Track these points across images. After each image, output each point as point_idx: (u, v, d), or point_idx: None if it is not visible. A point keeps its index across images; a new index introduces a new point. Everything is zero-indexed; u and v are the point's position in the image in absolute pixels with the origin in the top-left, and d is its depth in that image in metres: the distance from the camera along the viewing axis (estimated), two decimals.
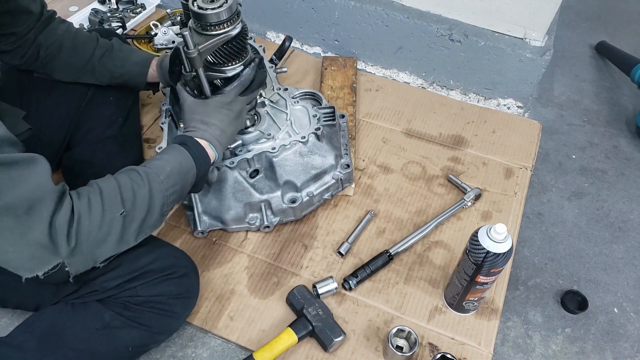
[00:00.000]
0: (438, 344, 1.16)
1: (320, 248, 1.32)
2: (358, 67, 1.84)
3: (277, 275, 1.26)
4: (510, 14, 1.57)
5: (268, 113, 1.31)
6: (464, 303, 1.15)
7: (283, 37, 1.63)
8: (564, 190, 1.57)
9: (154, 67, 1.29)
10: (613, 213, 1.52)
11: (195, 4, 1.00)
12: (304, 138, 1.25)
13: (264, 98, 1.33)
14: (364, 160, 1.52)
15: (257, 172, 1.25)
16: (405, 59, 1.77)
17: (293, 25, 1.86)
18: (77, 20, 1.82)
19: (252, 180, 1.24)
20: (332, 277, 1.21)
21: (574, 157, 1.68)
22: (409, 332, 1.10)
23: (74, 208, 0.81)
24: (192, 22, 1.03)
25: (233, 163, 1.20)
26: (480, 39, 1.61)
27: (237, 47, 1.05)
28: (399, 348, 1.11)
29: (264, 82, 1.16)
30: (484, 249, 0.99)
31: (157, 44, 1.76)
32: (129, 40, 1.70)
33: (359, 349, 1.14)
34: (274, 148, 1.22)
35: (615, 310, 1.31)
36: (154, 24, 1.79)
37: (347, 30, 1.78)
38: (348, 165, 1.34)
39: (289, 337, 1.10)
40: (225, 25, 1.01)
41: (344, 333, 1.12)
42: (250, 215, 1.30)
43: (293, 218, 1.33)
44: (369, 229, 1.36)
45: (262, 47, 1.46)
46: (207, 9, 0.98)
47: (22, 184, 0.75)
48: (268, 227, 1.30)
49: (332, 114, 1.35)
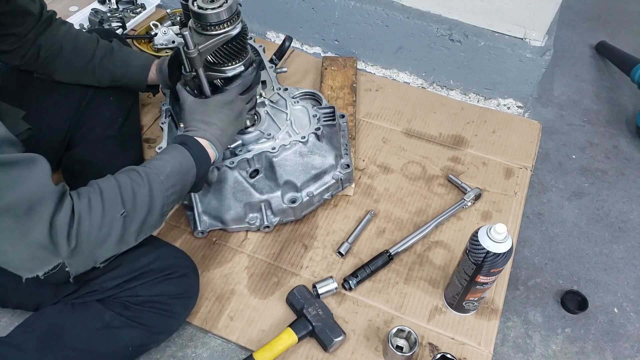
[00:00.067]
0: (438, 344, 1.16)
1: (320, 248, 1.32)
2: (358, 67, 1.84)
3: (277, 275, 1.26)
4: (510, 14, 1.57)
5: (268, 113, 1.31)
6: (464, 303, 1.15)
7: (283, 37, 1.63)
8: (564, 190, 1.57)
9: (154, 70, 1.30)
10: (613, 213, 1.52)
11: (195, 4, 1.00)
12: (304, 138, 1.25)
13: (264, 98, 1.33)
14: (364, 160, 1.52)
15: (257, 172, 1.25)
16: (405, 59, 1.77)
17: (293, 25, 1.86)
18: (77, 20, 1.82)
19: (252, 180, 1.24)
20: (332, 277, 1.21)
21: (574, 157, 1.68)
22: (409, 332, 1.10)
23: (74, 208, 0.81)
24: (192, 22, 1.03)
25: (233, 163, 1.20)
26: (480, 39, 1.61)
27: (237, 47, 1.05)
28: (399, 348, 1.11)
29: (260, 81, 1.17)
30: (484, 249, 0.99)
31: (157, 44, 1.76)
32: (129, 41, 1.70)
33: (359, 349, 1.14)
34: (274, 148, 1.22)
35: (615, 310, 1.31)
36: (154, 24, 1.79)
37: (347, 30, 1.78)
38: (348, 165, 1.34)
39: (289, 337, 1.10)
40: (225, 25, 1.01)
41: (344, 333, 1.12)
42: (250, 215, 1.30)
43: (293, 218, 1.33)
44: (369, 229, 1.36)
45: (262, 47, 1.46)
46: (207, 9, 0.98)
47: (22, 185, 0.75)
48: (268, 227, 1.30)
49: (332, 114, 1.35)
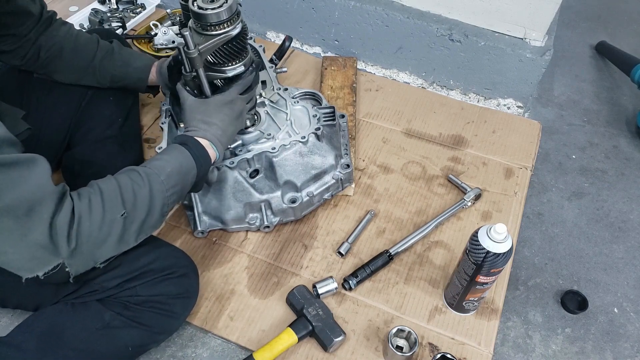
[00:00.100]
0: (438, 344, 1.16)
1: (320, 248, 1.32)
2: (358, 67, 1.84)
3: (277, 275, 1.26)
4: (510, 14, 1.57)
5: (268, 113, 1.31)
6: (464, 303, 1.15)
7: (283, 37, 1.63)
8: (564, 190, 1.57)
9: (154, 72, 1.30)
10: (613, 213, 1.52)
11: (196, 4, 1.00)
12: (304, 138, 1.25)
13: (264, 98, 1.33)
14: (364, 160, 1.52)
15: (257, 172, 1.25)
16: (405, 59, 1.77)
17: (293, 25, 1.86)
18: (77, 20, 1.82)
19: (252, 180, 1.24)
20: (332, 277, 1.21)
21: (574, 157, 1.68)
22: (409, 332, 1.10)
23: (75, 209, 0.80)
24: (192, 22, 1.03)
25: (233, 163, 1.20)
26: (480, 39, 1.61)
27: (237, 47, 1.05)
28: (399, 348, 1.11)
29: (259, 81, 1.17)
30: (484, 249, 0.99)
31: (157, 44, 1.76)
32: (129, 41, 1.70)
33: (359, 349, 1.14)
34: (274, 148, 1.22)
35: (615, 310, 1.31)
36: (154, 24, 1.79)
37: (347, 30, 1.78)
38: (348, 165, 1.34)
39: (289, 337, 1.10)
40: (226, 25, 1.01)
41: (344, 333, 1.12)
42: (250, 215, 1.30)
43: (293, 218, 1.33)
44: (369, 229, 1.36)
45: (262, 47, 1.46)
46: (207, 9, 0.98)
47: (22, 185, 0.75)
48: (268, 227, 1.30)
49: (332, 114, 1.35)
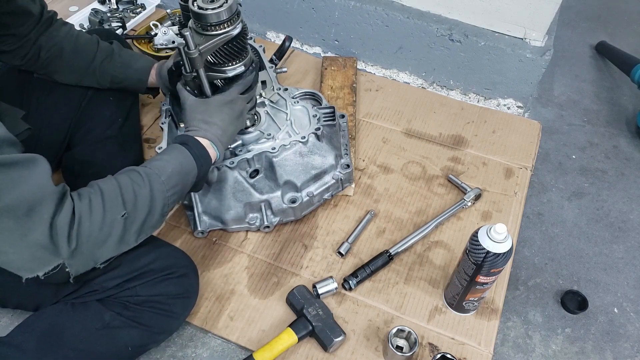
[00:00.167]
0: (438, 344, 1.16)
1: (320, 248, 1.32)
2: (358, 67, 1.84)
3: (277, 275, 1.26)
4: (510, 14, 1.57)
5: (268, 113, 1.31)
6: (464, 303, 1.15)
7: (283, 37, 1.63)
8: (564, 190, 1.57)
9: (154, 74, 1.30)
10: (613, 213, 1.52)
11: (196, 4, 1.00)
12: (304, 138, 1.25)
13: (264, 98, 1.33)
14: (364, 160, 1.52)
15: (257, 172, 1.25)
16: (405, 59, 1.77)
17: (293, 25, 1.86)
18: (77, 20, 1.82)
19: (252, 180, 1.24)
20: (332, 277, 1.21)
21: (574, 157, 1.68)
22: (409, 332, 1.10)
23: (75, 209, 0.80)
24: (192, 22, 1.03)
25: (233, 163, 1.20)
26: (480, 39, 1.61)
27: (237, 47, 1.05)
28: (399, 348, 1.11)
29: (258, 80, 1.17)
30: (484, 249, 0.99)
31: (157, 44, 1.76)
32: (129, 41, 1.70)
33: (359, 349, 1.14)
34: (274, 148, 1.22)
35: (615, 310, 1.31)
36: (154, 24, 1.79)
37: (347, 30, 1.78)
38: (348, 165, 1.34)
39: (289, 337, 1.10)
40: (226, 25, 1.01)
41: (344, 333, 1.12)
42: (250, 215, 1.30)
43: (293, 218, 1.33)
44: (369, 229, 1.36)
45: (262, 47, 1.46)
46: (207, 9, 0.98)
47: (22, 185, 0.75)
48: (268, 227, 1.30)
49: (332, 114, 1.35)
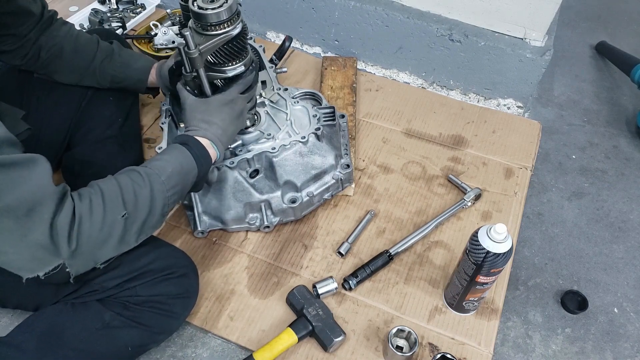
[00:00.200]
0: (438, 344, 1.16)
1: (320, 248, 1.32)
2: (358, 67, 1.84)
3: (277, 275, 1.26)
4: (510, 14, 1.57)
5: (268, 113, 1.31)
6: (464, 303, 1.15)
7: (283, 37, 1.63)
8: (564, 190, 1.57)
9: (154, 74, 1.30)
10: (613, 213, 1.52)
11: (196, 4, 1.00)
12: (304, 138, 1.25)
13: (264, 98, 1.33)
14: (364, 160, 1.52)
15: (257, 172, 1.25)
16: (405, 59, 1.77)
17: (293, 25, 1.86)
18: (77, 20, 1.82)
19: (252, 180, 1.24)
20: (332, 277, 1.21)
21: (574, 157, 1.68)
22: (409, 332, 1.10)
23: (75, 210, 0.80)
24: (192, 22, 1.03)
25: (233, 163, 1.20)
26: (480, 39, 1.61)
27: (237, 47, 1.05)
28: (399, 348, 1.11)
29: (258, 80, 1.18)
30: (484, 249, 0.99)
31: (157, 44, 1.76)
32: (129, 41, 1.70)
33: (359, 349, 1.14)
34: (274, 148, 1.22)
35: (615, 310, 1.31)
36: (154, 24, 1.79)
37: (347, 30, 1.78)
38: (348, 165, 1.34)
39: (289, 337, 1.10)
40: (226, 25, 1.01)
41: (344, 333, 1.12)
42: (250, 215, 1.30)
43: (293, 218, 1.33)
44: (369, 229, 1.36)
45: (262, 47, 1.46)
46: (207, 9, 0.98)
47: (22, 186, 0.74)
48: (268, 227, 1.30)
49: (332, 114, 1.35)
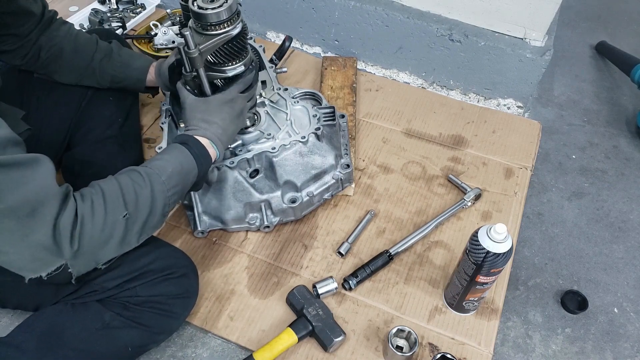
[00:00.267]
0: (438, 344, 1.16)
1: (320, 248, 1.32)
2: (358, 67, 1.84)
3: (277, 275, 1.26)
4: (510, 14, 1.57)
5: (268, 113, 1.31)
6: (464, 303, 1.15)
7: (283, 37, 1.63)
8: (564, 190, 1.57)
9: (152, 73, 1.30)
10: (613, 213, 1.52)
11: (196, 4, 1.00)
12: (304, 138, 1.25)
13: (264, 98, 1.33)
14: (364, 160, 1.52)
15: (257, 172, 1.25)
16: (405, 59, 1.77)
17: (293, 25, 1.86)
18: (77, 20, 1.82)
19: (252, 180, 1.24)
20: (332, 277, 1.21)
21: (574, 157, 1.68)
22: (409, 332, 1.10)
23: (77, 210, 0.80)
24: (192, 22, 1.03)
25: (233, 163, 1.20)
26: (480, 39, 1.61)
27: (237, 46, 1.05)
28: (399, 348, 1.11)
29: (257, 79, 1.18)
30: (484, 249, 0.99)
31: (157, 44, 1.76)
32: (129, 41, 1.70)
33: (359, 349, 1.14)
34: (274, 148, 1.22)
35: (615, 310, 1.31)
36: (154, 24, 1.79)
37: (347, 30, 1.78)
38: (348, 165, 1.34)
39: (289, 337, 1.10)
40: (226, 25, 1.01)
41: (344, 333, 1.12)
42: (250, 215, 1.30)
43: (293, 218, 1.33)
44: (369, 229, 1.36)
45: (262, 47, 1.46)
46: (207, 9, 0.98)
47: (25, 186, 0.74)
48: (268, 227, 1.30)
49: (332, 114, 1.35)
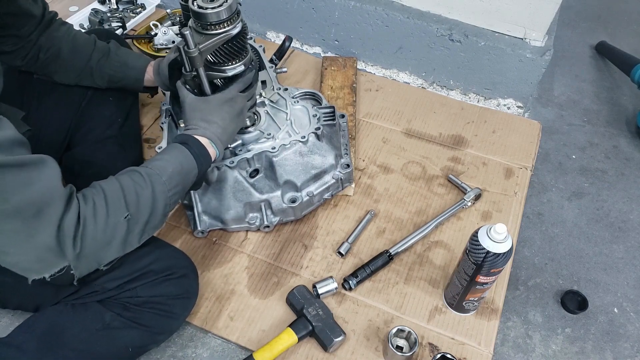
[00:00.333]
0: (438, 344, 1.16)
1: (320, 248, 1.32)
2: (358, 67, 1.84)
3: (277, 275, 1.26)
4: (510, 14, 1.57)
5: (268, 113, 1.31)
6: (464, 303, 1.15)
7: (283, 37, 1.63)
8: (564, 190, 1.57)
9: (151, 72, 1.29)
10: (613, 213, 1.52)
11: (195, 4, 1.00)
12: (304, 138, 1.25)
13: (264, 98, 1.33)
14: (364, 160, 1.52)
15: (257, 171, 1.25)
16: (405, 59, 1.77)
17: (293, 25, 1.86)
18: (77, 20, 1.82)
19: (252, 180, 1.24)
20: (332, 277, 1.21)
21: (574, 157, 1.68)
22: (409, 332, 1.10)
23: (80, 212, 0.80)
24: (192, 21, 1.03)
25: (233, 162, 1.20)
26: (480, 39, 1.61)
27: (237, 46, 1.05)
28: (399, 348, 1.11)
29: (257, 79, 1.18)
30: (484, 249, 0.99)
31: (157, 44, 1.76)
32: (129, 41, 1.70)
33: (359, 349, 1.14)
34: (274, 148, 1.22)
35: (615, 310, 1.31)
36: (154, 24, 1.79)
37: (347, 30, 1.78)
38: (348, 165, 1.34)
39: (289, 337, 1.10)
40: (226, 25, 1.01)
41: (344, 333, 1.12)
42: (250, 215, 1.30)
43: (293, 218, 1.33)
44: (369, 229, 1.36)
45: (262, 47, 1.46)
46: (207, 8, 0.98)
47: (31, 187, 0.74)
48: (268, 227, 1.30)
49: (332, 114, 1.35)
